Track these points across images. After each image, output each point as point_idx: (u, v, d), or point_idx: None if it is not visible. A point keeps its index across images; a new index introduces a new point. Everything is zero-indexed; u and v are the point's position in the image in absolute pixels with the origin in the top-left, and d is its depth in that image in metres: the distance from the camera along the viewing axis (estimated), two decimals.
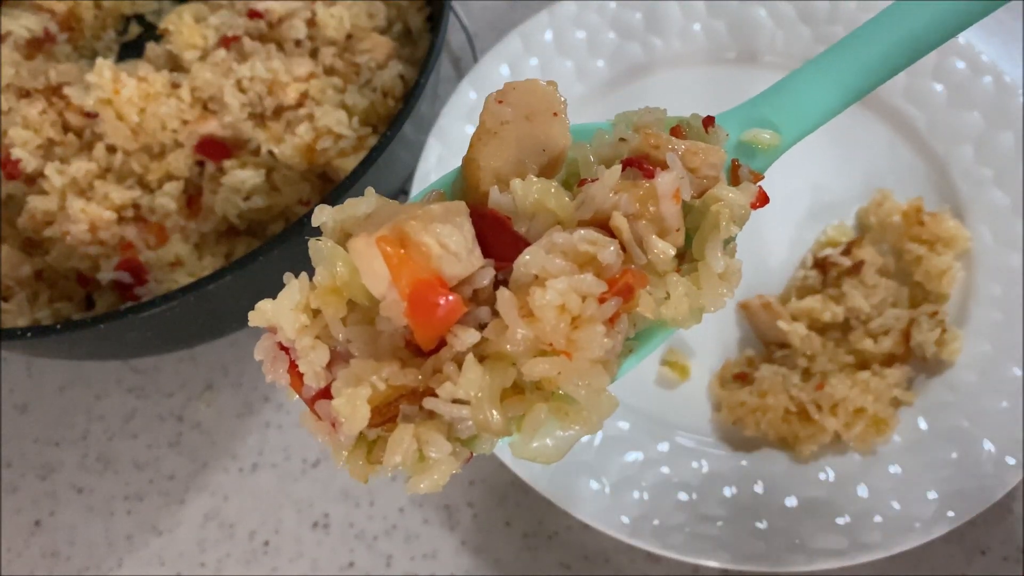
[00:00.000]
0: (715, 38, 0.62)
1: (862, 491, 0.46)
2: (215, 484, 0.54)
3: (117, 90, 0.53)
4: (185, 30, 0.58)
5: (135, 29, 0.68)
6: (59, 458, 0.55)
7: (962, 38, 0.57)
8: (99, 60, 0.54)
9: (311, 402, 0.22)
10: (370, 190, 0.24)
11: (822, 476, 0.47)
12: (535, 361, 0.21)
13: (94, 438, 0.56)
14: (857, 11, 0.60)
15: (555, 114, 0.24)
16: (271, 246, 0.43)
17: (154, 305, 0.42)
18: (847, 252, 0.52)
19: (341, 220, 0.23)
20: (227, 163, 0.55)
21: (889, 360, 0.49)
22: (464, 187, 0.25)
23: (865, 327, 0.50)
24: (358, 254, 0.20)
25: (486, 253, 0.22)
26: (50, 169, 0.53)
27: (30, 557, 0.52)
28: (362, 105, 0.55)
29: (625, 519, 0.45)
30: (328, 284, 0.22)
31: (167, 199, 0.53)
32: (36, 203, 0.52)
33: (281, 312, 0.21)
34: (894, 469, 0.46)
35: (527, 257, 0.21)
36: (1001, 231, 0.52)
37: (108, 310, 0.51)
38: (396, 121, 0.47)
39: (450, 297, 0.20)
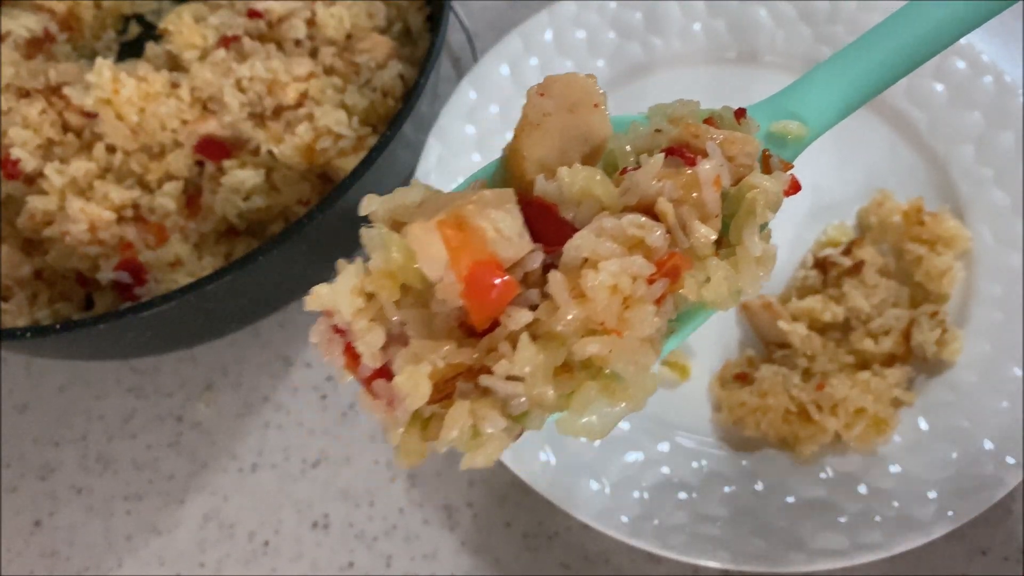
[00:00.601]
0: (715, 38, 0.62)
1: (862, 491, 0.46)
2: (215, 484, 0.54)
3: (117, 90, 0.53)
4: (185, 30, 0.58)
5: (135, 29, 0.68)
6: (59, 458, 0.55)
7: (963, 38, 0.57)
8: (99, 60, 0.54)
9: (367, 382, 0.22)
10: (416, 180, 0.25)
11: (822, 476, 0.47)
12: (587, 340, 0.22)
13: (93, 438, 0.56)
14: (857, 11, 0.60)
15: (596, 105, 0.25)
16: (271, 246, 0.43)
17: (153, 305, 0.42)
18: (847, 252, 0.52)
19: (391, 209, 0.24)
20: (227, 163, 0.54)
21: (889, 360, 0.49)
22: (507, 176, 0.26)
23: (865, 327, 0.50)
24: (416, 239, 0.21)
25: (533, 239, 0.23)
26: (50, 169, 0.53)
27: (30, 557, 0.52)
28: (362, 105, 0.55)
29: (625, 519, 0.45)
30: (384, 269, 0.22)
31: (167, 199, 0.53)
32: (35, 203, 0.52)
33: (339, 295, 0.22)
34: (894, 469, 0.46)
35: (578, 241, 0.22)
36: (1001, 231, 0.52)
37: (108, 310, 0.51)
38: (396, 121, 0.47)
39: (505, 278, 0.21)
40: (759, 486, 0.47)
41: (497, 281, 0.21)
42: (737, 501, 0.46)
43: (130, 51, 0.67)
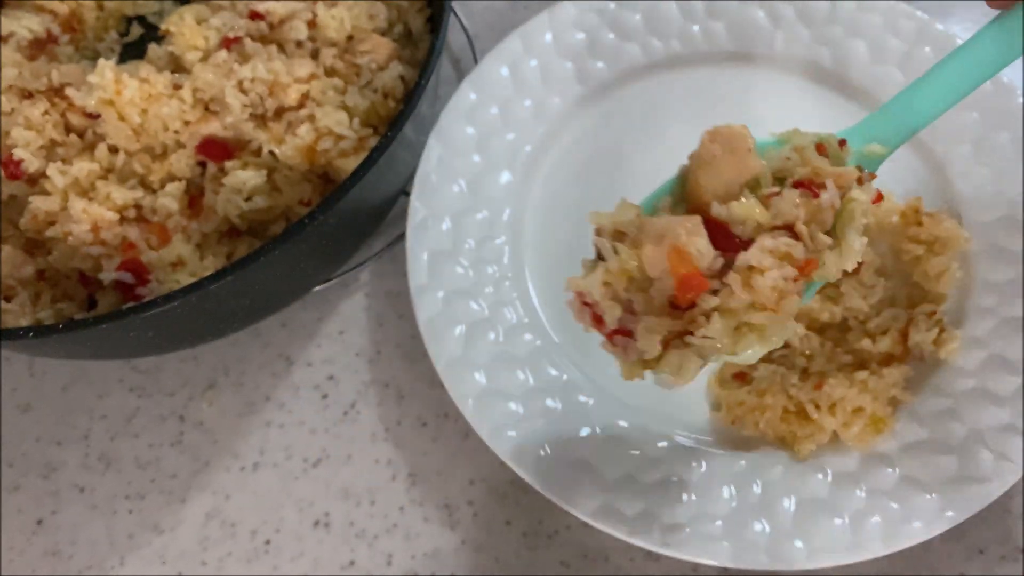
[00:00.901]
0: (714, 39, 0.62)
1: (860, 490, 0.46)
2: (217, 483, 0.54)
3: (119, 91, 0.54)
4: (187, 31, 0.58)
5: (137, 30, 0.69)
6: (61, 457, 0.56)
7: (961, 40, 0.57)
8: (101, 61, 0.54)
9: (609, 336, 0.35)
10: (624, 200, 0.36)
11: (821, 475, 0.47)
12: (755, 314, 0.33)
13: (96, 437, 0.56)
14: (856, 11, 0.60)
15: (749, 149, 0.35)
16: (272, 246, 0.43)
17: (156, 305, 0.42)
18: None
19: (614, 223, 0.35)
20: (228, 164, 0.55)
21: (887, 360, 0.50)
22: (685, 192, 0.37)
23: (863, 327, 0.50)
24: (648, 257, 0.33)
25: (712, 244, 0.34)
26: (52, 170, 0.53)
27: (32, 556, 0.53)
28: (363, 106, 0.56)
29: (625, 518, 0.45)
30: (619, 269, 0.34)
31: (169, 199, 0.53)
32: (38, 203, 0.52)
33: (592, 284, 0.34)
34: (892, 468, 0.46)
35: (748, 255, 0.33)
36: (999, 232, 0.52)
37: (110, 310, 0.51)
38: (397, 122, 0.47)
39: (702, 279, 0.33)
40: (758, 485, 0.47)
41: (697, 281, 0.33)
42: (736, 499, 0.46)
43: (132, 52, 0.67)
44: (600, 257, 0.36)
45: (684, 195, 0.37)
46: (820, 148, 0.37)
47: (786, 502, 0.46)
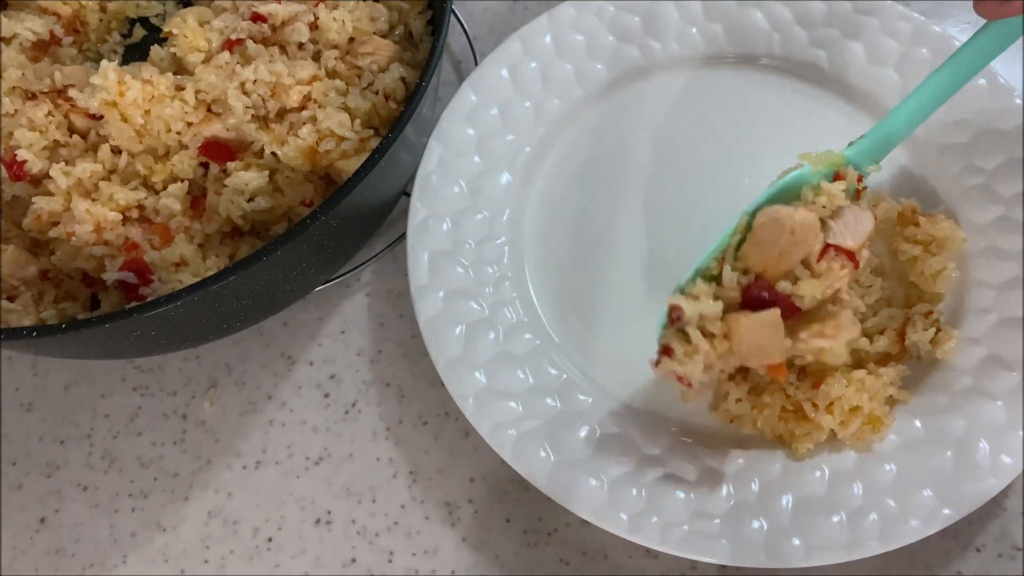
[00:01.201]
0: (712, 41, 0.63)
1: (858, 489, 0.46)
2: (219, 481, 0.54)
3: (122, 92, 0.54)
4: (189, 33, 0.58)
5: (139, 32, 0.69)
6: (64, 456, 0.56)
7: (957, 42, 0.57)
8: (104, 63, 0.54)
9: (687, 384, 0.42)
10: (700, 282, 0.42)
11: (818, 474, 0.47)
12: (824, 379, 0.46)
13: (99, 436, 0.57)
14: (853, 13, 0.60)
15: (816, 235, 0.42)
16: (274, 247, 0.44)
17: (159, 305, 0.42)
18: None
19: (698, 314, 0.41)
20: (231, 165, 0.55)
21: (884, 359, 0.50)
22: (749, 253, 0.43)
23: (860, 326, 0.50)
24: (754, 367, 0.42)
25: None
26: (55, 170, 0.53)
27: (35, 554, 0.53)
28: (364, 107, 0.56)
29: (624, 516, 0.46)
30: (710, 361, 0.41)
31: (172, 200, 0.53)
32: (41, 204, 0.53)
33: (692, 372, 0.41)
34: (890, 467, 0.47)
35: (814, 344, 0.41)
36: (995, 232, 0.53)
37: (113, 310, 0.51)
38: (398, 123, 0.48)
39: (782, 365, 0.42)
40: (756, 483, 0.47)
41: (783, 372, 0.42)
42: (734, 498, 0.47)
43: (135, 54, 0.67)
44: (673, 322, 0.42)
45: (748, 254, 0.43)
46: (838, 175, 0.45)
47: (784, 500, 0.46)
